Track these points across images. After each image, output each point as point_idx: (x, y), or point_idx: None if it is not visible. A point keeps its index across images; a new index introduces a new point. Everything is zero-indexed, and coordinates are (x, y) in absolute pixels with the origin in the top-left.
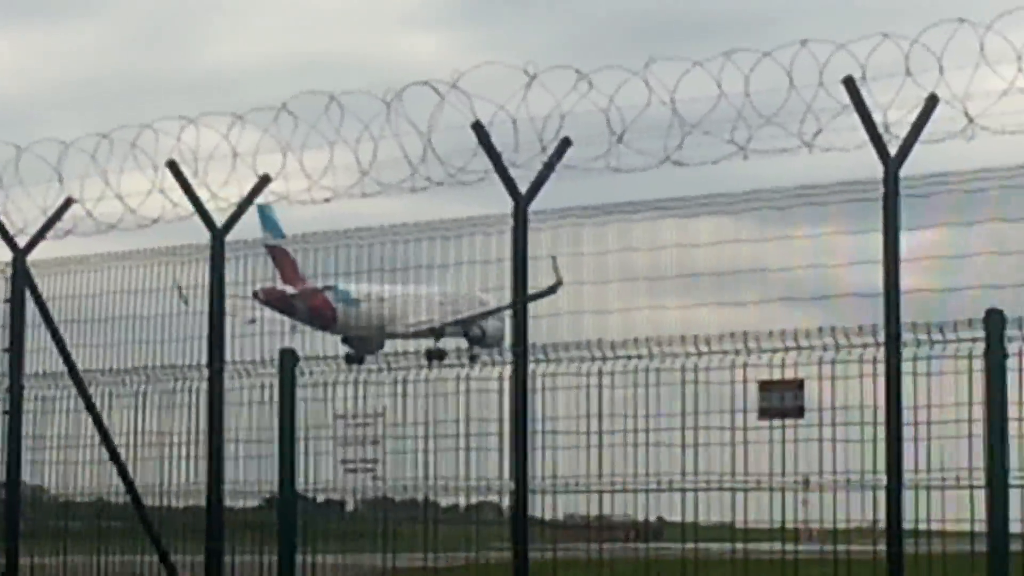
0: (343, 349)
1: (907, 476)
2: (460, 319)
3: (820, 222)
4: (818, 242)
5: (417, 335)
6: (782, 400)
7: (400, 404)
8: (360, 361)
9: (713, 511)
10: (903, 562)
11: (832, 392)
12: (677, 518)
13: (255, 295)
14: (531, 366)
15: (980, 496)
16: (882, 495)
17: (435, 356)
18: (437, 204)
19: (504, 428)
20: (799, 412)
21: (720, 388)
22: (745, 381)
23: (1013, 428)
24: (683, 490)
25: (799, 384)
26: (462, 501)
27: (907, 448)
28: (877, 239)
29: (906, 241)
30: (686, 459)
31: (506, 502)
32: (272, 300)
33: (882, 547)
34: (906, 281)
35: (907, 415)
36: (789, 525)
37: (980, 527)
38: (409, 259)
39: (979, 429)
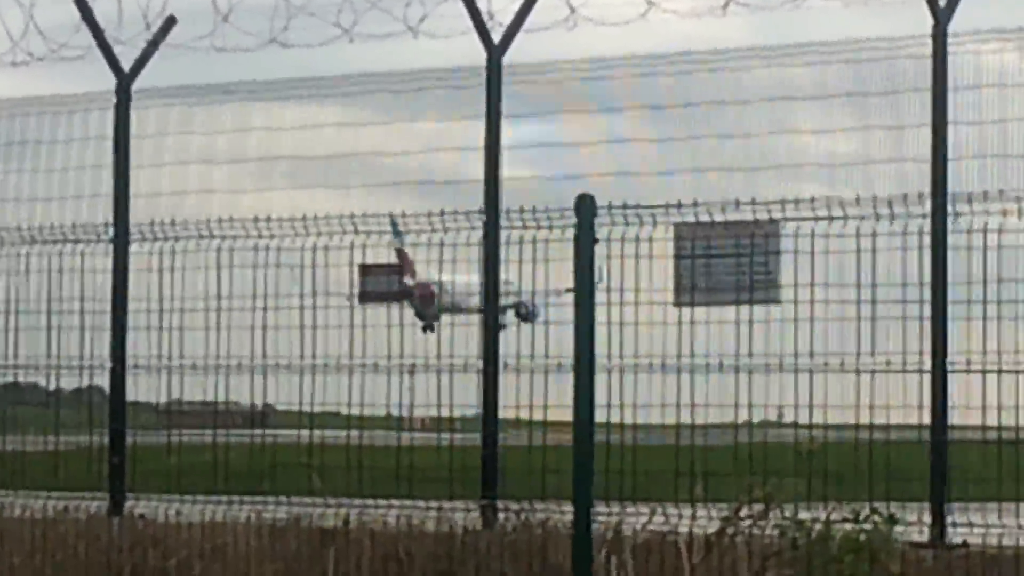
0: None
1: (511, 361)
2: (512, 303)
3: (427, 109)
4: (424, 129)
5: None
6: (385, 284)
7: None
8: (430, 329)
9: (318, 395)
10: (496, 444)
11: (439, 275)
12: (290, 405)
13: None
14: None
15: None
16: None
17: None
18: (44, 80)
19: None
20: (401, 296)
21: (323, 271)
22: (351, 264)
23: (601, 314)
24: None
25: (399, 268)
26: (66, 383)
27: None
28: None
29: (510, 129)
30: (288, 342)
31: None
32: (400, 295)
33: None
34: (509, 169)
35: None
36: (397, 412)
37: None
38: (14, 135)
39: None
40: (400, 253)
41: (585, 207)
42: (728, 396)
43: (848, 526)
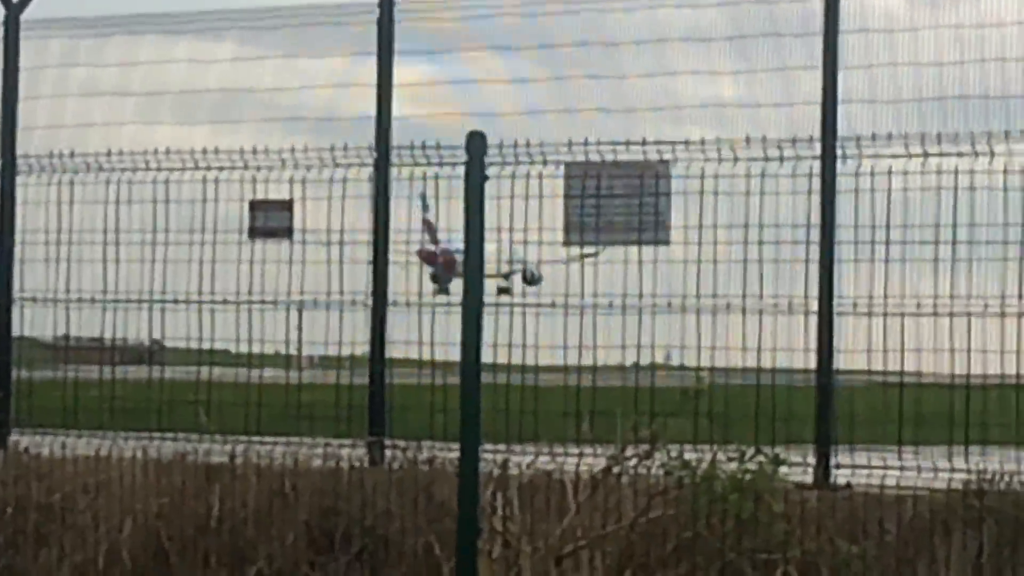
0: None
1: (397, 296)
2: (518, 269)
3: (321, 46)
4: (318, 66)
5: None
6: (272, 220)
7: None
8: (445, 292)
9: (208, 332)
10: (384, 381)
11: (332, 212)
12: (180, 342)
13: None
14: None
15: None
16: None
17: (504, 291)
18: None
19: None
20: (288, 233)
21: (214, 206)
22: (241, 199)
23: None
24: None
25: (288, 205)
26: None
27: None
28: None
29: (403, 67)
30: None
31: None
32: (424, 256)
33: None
34: (401, 108)
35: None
36: (287, 349)
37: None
38: None
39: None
40: (427, 223)
41: (475, 144)
42: (618, 337)
43: (733, 466)
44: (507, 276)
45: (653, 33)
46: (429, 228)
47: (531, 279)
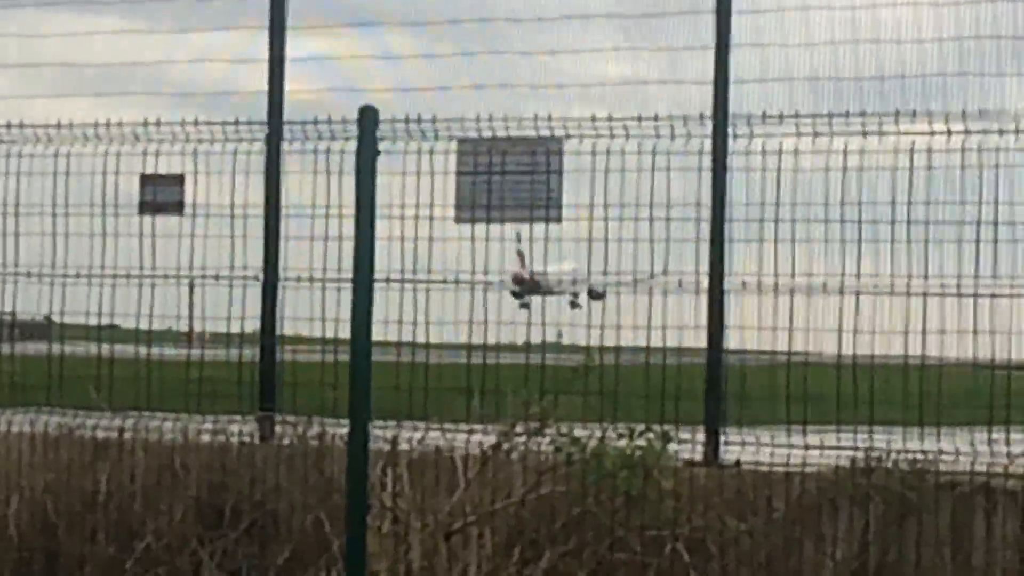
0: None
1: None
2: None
3: (211, 20)
4: (208, 40)
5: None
6: (162, 195)
7: None
8: (525, 306)
9: (98, 307)
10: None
11: (224, 187)
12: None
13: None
14: None
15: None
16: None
17: (574, 306)
18: None
19: None
20: (179, 207)
21: (104, 180)
22: (131, 173)
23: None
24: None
25: (180, 179)
26: None
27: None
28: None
29: (297, 42)
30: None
31: None
32: (515, 279)
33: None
34: (294, 83)
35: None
36: (181, 327)
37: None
38: None
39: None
40: (520, 253)
41: (367, 119)
42: (513, 315)
43: (623, 443)
44: (575, 294)
45: (553, 11)
46: (520, 258)
47: (596, 295)
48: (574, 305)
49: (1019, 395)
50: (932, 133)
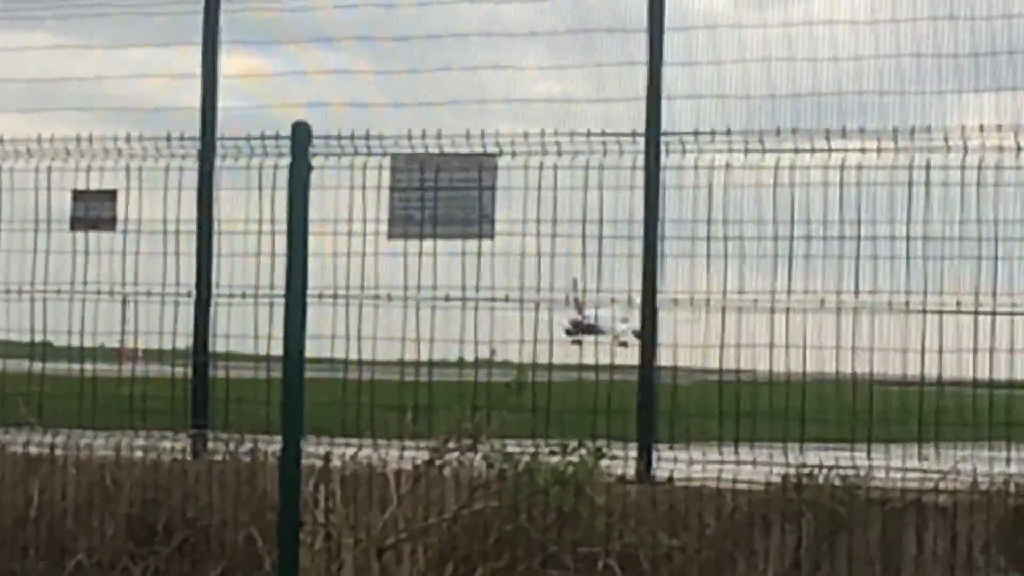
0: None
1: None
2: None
3: (145, 35)
4: (141, 55)
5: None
6: (94, 210)
7: None
8: (578, 343)
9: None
10: (207, 373)
11: (157, 203)
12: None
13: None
14: None
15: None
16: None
17: (622, 344)
18: None
19: None
20: (111, 223)
21: (33, 195)
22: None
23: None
24: None
25: (112, 195)
26: None
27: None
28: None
29: (229, 58)
30: None
31: None
32: (575, 325)
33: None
34: (227, 100)
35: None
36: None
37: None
38: None
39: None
40: (576, 300)
41: (300, 135)
42: (447, 331)
43: (555, 459)
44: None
45: (479, 27)
46: (576, 303)
47: (638, 335)
48: (623, 344)
49: (950, 411)
50: (863, 150)
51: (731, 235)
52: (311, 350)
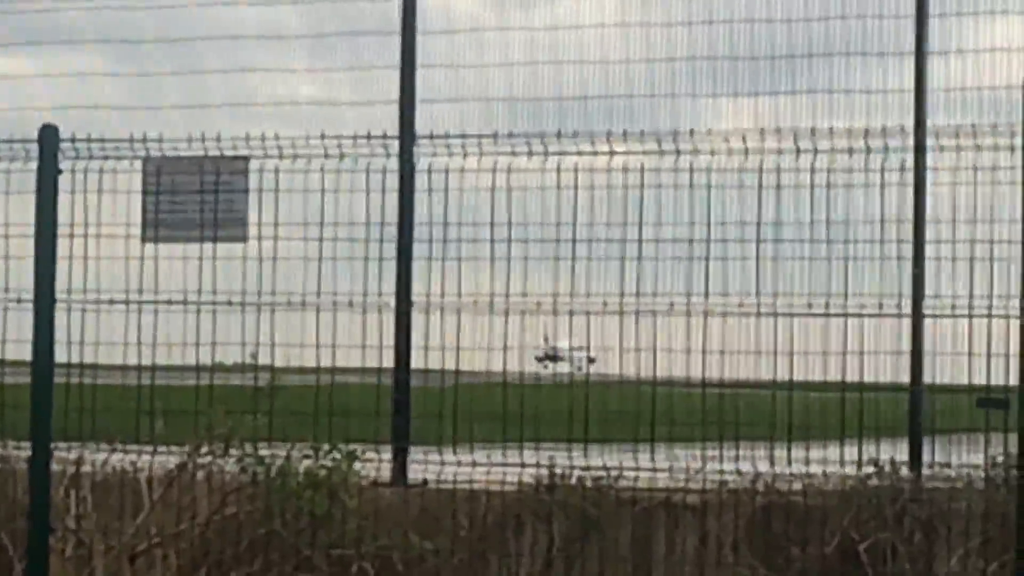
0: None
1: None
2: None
3: None
4: None
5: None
6: None
7: None
8: (545, 367)
9: None
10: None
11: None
12: None
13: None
14: None
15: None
16: None
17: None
18: None
19: None
20: None
21: None
22: None
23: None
24: None
25: None
26: None
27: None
28: None
29: None
30: None
31: None
32: (547, 354)
33: None
34: None
35: None
36: None
37: None
38: None
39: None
40: (546, 337)
41: (48, 138)
42: (201, 334)
43: (309, 463)
44: (580, 359)
45: (232, 30)
46: (546, 339)
47: (591, 360)
48: (579, 369)
49: (713, 412)
50: (612, 153)
51: (479, 238)
52: (60, 355)
